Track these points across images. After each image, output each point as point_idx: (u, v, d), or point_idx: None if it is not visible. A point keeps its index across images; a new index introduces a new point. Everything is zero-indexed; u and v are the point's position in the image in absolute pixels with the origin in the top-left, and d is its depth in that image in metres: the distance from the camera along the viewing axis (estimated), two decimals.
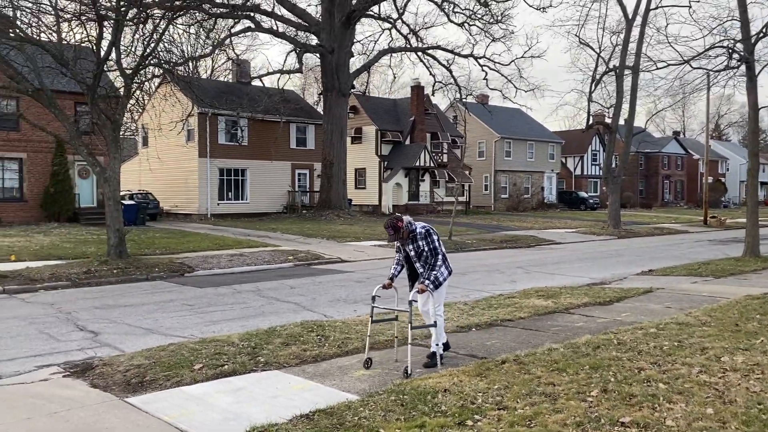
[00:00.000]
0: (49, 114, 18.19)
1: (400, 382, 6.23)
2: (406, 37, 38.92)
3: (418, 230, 6.90)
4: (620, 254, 21.39)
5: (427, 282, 6.82)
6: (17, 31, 15.92)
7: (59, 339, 8.88)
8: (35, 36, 16.18)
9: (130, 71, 17.10)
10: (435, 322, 7.00)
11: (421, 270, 6.95)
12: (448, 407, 5.38)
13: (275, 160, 37.01)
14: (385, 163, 42.21)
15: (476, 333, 8.75)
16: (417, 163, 41.54)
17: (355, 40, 37.45)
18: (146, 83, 21.14)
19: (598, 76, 32.46)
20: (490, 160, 52.52)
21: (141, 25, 17.42)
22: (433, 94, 42.83)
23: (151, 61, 17.86)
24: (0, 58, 15.86)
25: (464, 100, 41.35)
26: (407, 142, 43.23)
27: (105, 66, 16.84)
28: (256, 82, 39.80)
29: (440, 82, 40.70)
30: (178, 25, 23.81)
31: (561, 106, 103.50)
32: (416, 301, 6.89)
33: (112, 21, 16.05)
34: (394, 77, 77.43)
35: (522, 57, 39.21)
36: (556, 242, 25.80)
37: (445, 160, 45.10)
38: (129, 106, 18.86)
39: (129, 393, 6.32)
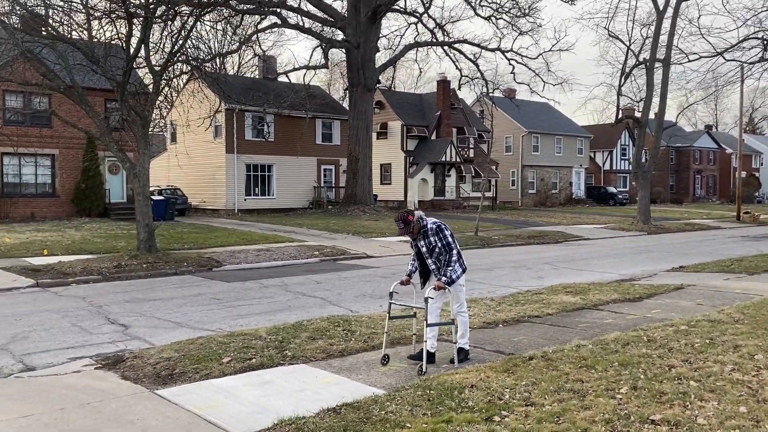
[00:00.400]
0: (81, 111, 18.52)
1: (426, 377, 6.22)
2: (432, 32, 38.76)
3: (429, 226, 6.79)
4: (650, 250, 21.06)
5: (444, 279, 6.69)
6: (49, 29, 16.22)
7: (91, 332, 9.04)
8: (66, 34, 16.46)
9: (159, 68, 17.31)
10: (453, 320, 6.93)
11: (433, 267, 6.84)
12: (475, 403, 5.36)
13: (301, 156, 37.19)
14: (411, 158, 42.13)
15: (503, 329, 8.70)
16: (443, 159, 41.39)
17: (380, 35, 37.44)
18: (174, 80, 21.38)
19: (627, 70, 31.97)
20: (517, 154, 52.07)
21: (169, 22, 17.62)
22: (459, 89, 42.60)
23: (180, 58, 18.07)
24: (33, 56, 16.17)
25: (491, 94, 41.06)
26: (433, 137, 43.09)
27: (134, 63, 17.08)
28: (282, 78, 40.00)
29: (467, 76, 40.47)
30: (205, 22, 24.03)
31: (590, 100, 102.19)
32: (432, 298, 6.74)
33: (141, 18, 16.26)
34: (420, 72, 77.06)
35: (550, 50, 39.01)
36: (585, 238, 25.50)
37: (471, 155, 44.86)
38: (158, 102, 19.10)
39: (159, 385, 6.41)
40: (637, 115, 34.66)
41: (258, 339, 7.89)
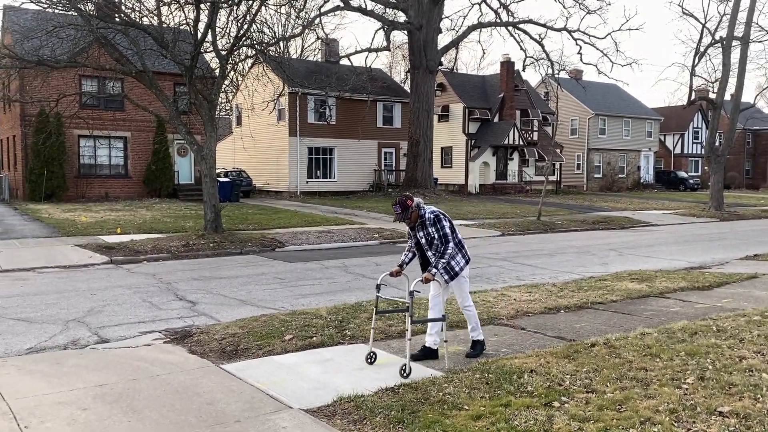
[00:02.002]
0: (151, 95, 19.14)
1: (485, 361, 6.20)
2: (496, 12, 38.03)
3: (426, 215, 6.32)
4: (722, 237, 20.19)
5: (434, 270, 6.18)
6: (122, 15, 16.80)
7: (160, 307, 9.43)
8: (138, 20, 17.02)
9: (225, 52, 17.69)
10: (443, 316, 6.45)
11: (433, 259, 6.36)
12: (534, 387, 5.31)
13: (362, 139, 37.36)
14: (473, 141, 41.67)
15: (565, 315, 8.56)
16: (505, 141, 40.75)
17: (443, 16, 36.99)
18: (240, 64, 21.82)
19: (702, 49, 30.48)
20: (583, 137, 50.70)
21: (235, 7, 17.95)
22: (523, 70, 41.71)
23: (245, 42, 18.39)
24: (107, 41, 16.80)
25: (556, 75, 40.04)
26: (496, 119, 42.45)
27: (201, 47, 17.50)
28: (344, 62, 40.21)
29: (531, 57, 39.64)
30: (269, 6, 24.30)
31: (660, 81, 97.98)
32: (418, 292, 6.23)
33: (209, 3, 16.62)
34: (483, 53, 75.95)
35: (619, 30, 37.47)
36: (652, 224, 24.68)
37: (535, 138, 43.99)
38: (224, 86, 19.54)
39: (224, 360, 6.64)
40: (712, 96, 33.07)
41: (319, 318, 8.04)
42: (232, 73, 20.25)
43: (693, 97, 32.55)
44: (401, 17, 36.30)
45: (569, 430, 4.50)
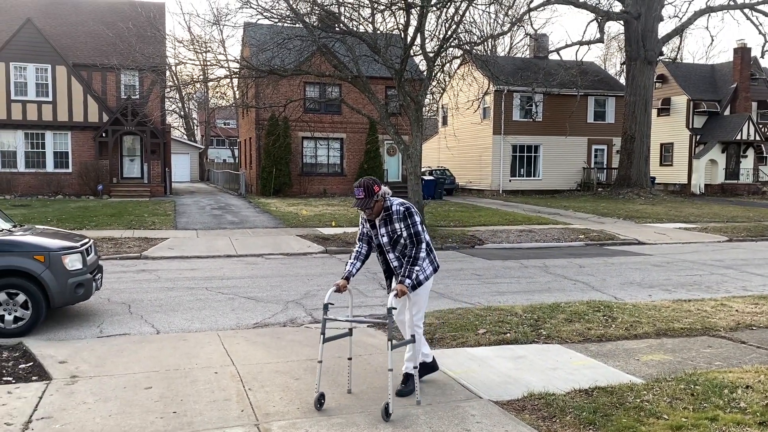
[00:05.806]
0: (364, 98, 20.43)
1: (692, 372, 5.73)
2: None
3: (394, 208, 5.23)
4: None
5: (408, 281, 5.12)
6: (341, 25, 18.18)
7: (366, 294, 10.10)
8: (354, 28, 18.27)
9: (433, 54, 18.26)
10: (413, 336, 5.37)
11: (396, 264, 5.33)
12: (748, 404, 4.81)
13: (570, 136, 36.02)
14: (697, 137, 37.98)
15: None
16: (738, 137, 36.51)
17: (665, 3, 34.22)
18: (447, 65, 22.32)
19: None
20: None
21: (444, 10, 18.44)
22: (762, 56, 36.92)
23: (452, 43, 18.81)
24: (327, 50, 18.30)
25: None
26: (726, 112, 38.24)
27: (410, 51, 18.27)
28: (553, 56, 39.05)
29: None
30: (477, 6, 24.48)
31: None
32: (395, 308, 5.19)
33: (418, 8, 17.30)
34: (712, 40, 68.41)
35: None
36: None
37: None
38: (430, 87, 20.18)
39: None
40: None
41: (513, 315, 8.03)
42: (439, 74, 20.80)
43: None
44: (617, 7, 34.34)
45: None
